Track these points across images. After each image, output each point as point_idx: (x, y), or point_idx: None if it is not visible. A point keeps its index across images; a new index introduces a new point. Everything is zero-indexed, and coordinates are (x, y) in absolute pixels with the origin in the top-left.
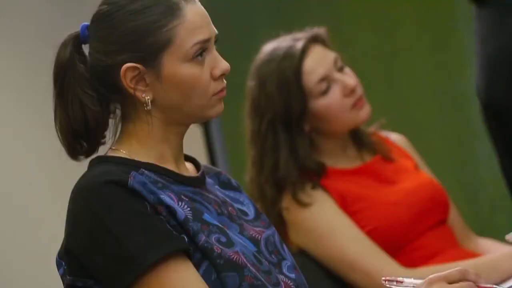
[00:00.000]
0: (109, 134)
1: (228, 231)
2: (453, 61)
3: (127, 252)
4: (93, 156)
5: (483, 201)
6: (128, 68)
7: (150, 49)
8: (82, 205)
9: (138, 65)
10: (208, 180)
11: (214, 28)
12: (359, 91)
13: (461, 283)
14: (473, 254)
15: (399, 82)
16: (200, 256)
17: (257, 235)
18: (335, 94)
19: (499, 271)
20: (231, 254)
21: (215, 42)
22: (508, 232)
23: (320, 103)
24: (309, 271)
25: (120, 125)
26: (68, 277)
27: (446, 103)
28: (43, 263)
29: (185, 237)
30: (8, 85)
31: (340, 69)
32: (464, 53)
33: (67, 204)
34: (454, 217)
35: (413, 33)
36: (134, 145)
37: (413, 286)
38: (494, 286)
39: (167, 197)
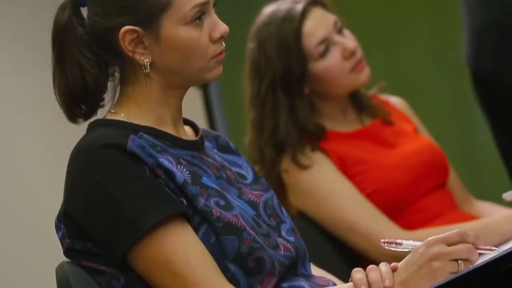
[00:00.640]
0: (107, 97)
1: (226, 195)
2: (454, 24)
3: (126, 215)
4: (92, 119)
5: (483, 165)
6: (126, 31)
7: (149, 11)
8: (80, 168)
9: (137, 28)
10: (207, 144)
11: None
12: (359, 54)
13: (460, 245)
14: (472, 217)
15: (399, 45)
16: (199, 220)
17: (255, 199)
18: (334, 56)
19: (498, 233)
20: (230, 217)
21: (214, 5)
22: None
23: (319, 66)
24: (308, 234)
25: (119, 88)
26: (67, 240)
27: (446, 66)
28: (43, 227)
29: (184, 200)
30: (6, 49)
31: (340, 32)
32: None
33: (66, 167)
34: (453, 180)
35: None
36: (132, 109)
37: (412, 248)
38: (493, 248)
39: (166, 161)
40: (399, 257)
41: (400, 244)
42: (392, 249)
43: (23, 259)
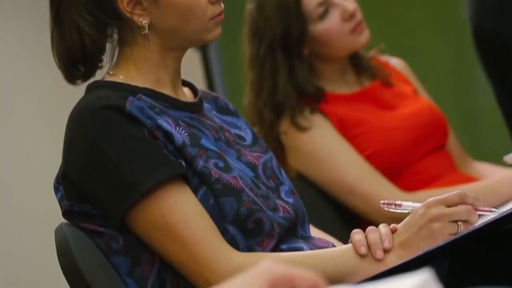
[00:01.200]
0: (106, 58)
1: (225, 157)
2: None
3: (124, 177)
4: (91, 81)
5: (482, 127)
6: None
7: None
8: (79, 130)
9: None
10: (206, 105)
11: None
12: (359, 16)
13: (459, 207)
14: (471, 179)
15: (399, 6)
16: (198, 181)
17: (254, 160)
18: (334, 18)
19: (498, 194)
20: (229, 179)
21: None
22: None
23: (319, 27)
24: (307, 196)
25: (117, 50)
26: (65, 202)
27: (446, 28)
28: (42, 189)
29: (182, 162)
30: (4, 12)
31: None
32: None
33: (65, 129)
34: (453, 142)
35: None
36: (131, 70)
37: (412, 209)
38: (493, 209)
39: (165, 122)
40: (398, 218)
41: (400, 205)
42: (392, 210)
43: (23, 221)
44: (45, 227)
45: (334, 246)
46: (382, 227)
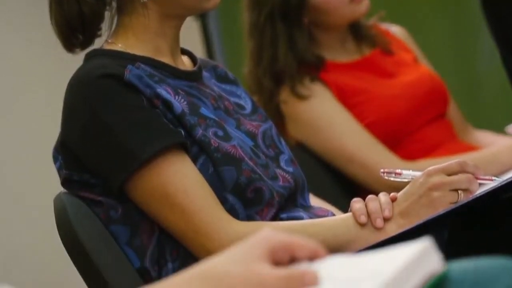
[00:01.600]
0: (104, 27)
1: (225, 125)
2: None
3: (123, 146)
4: (89, 49)
5: (483, 95)
6: None
7: None
8: (77, 98)
9: None
10: (205, 74)
11: None
12: None
13: (460, 175)
14: (472, 147)
15: None
16: (197, 150)
17: (254, 129)
18: None
19: (498, 163)
20: (228, 148)
21: None
22: (506, 125)
23: None
24: (307, 165)
25: (116, 18)
26: (64, 171)
27: None
28: (40, 157)
29: (182, 131)
30: None
31: None
32: None
33: (63, 97)
34: (453, 110)
35: None
36: (130, 39)
37: (412, 178)
38: (493, 178)
39: (164, 91)
40: (398, 187)
41: (400, 174)
42: (392, 179)
43: (21, 190)
44: (44, 197)
45: (334, 215)
46: (382, 196)
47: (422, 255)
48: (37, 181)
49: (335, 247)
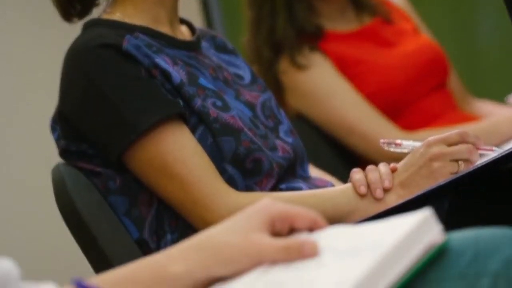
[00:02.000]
0: None
1: (224, 96)
2: None
3: (122, 116)
4: (87, 19)
5: (483, 64)
6: None
7: None
8: (75, 68)
9: None
10: (204, 44)
11: None
12: None
13: (460, 145)
14: (472, 117)
15: None
16: (196, 120)
17: (253, 100)
18: None
19: (498, 134)
20: (227, 118)
21: None
22: (507, 95)
23: None
24: (307, 136)
25: None
26: (62, 142)
27: None
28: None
29: (180, 101)
30: None
31: None
32: None
33: (61, 68)
34: (454, 80)
35: None
36: (128, 8)
37: (412, 149)
38: (494, 148)
39: (162, 61)
40: (398, 158)
41: (400, 144)
42: (392, 149)
43: (19, 161)
44: (42, 168)
45: (333, 185)
46: (382, 166)
47: (422, 225)
48: (35, 152)
49: (335, 218)
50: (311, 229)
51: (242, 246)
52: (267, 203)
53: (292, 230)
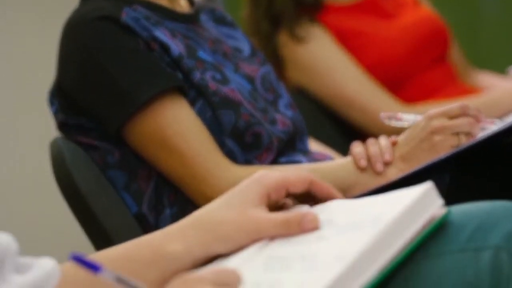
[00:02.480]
0: None
1: (223, 69)
2: None
3: (120, 90)
4: None
5: (484, 36)
6: None
7: None
8: (73, 41)
9: None
10: (202, 17)
11: None
12: None
13: (461, 118)
14: (473, 90)
15: None
16: (195, 94)
17: (252, 73)
18: None
19: (500, 107)
20: (227, 91)
21: None
22: (508, 66)
23: None
24: (306, 110)
25: None
26: (60, 115)
27: None
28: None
29: (179, 74)
30: None
31: None
32: None
33: (59, 40)
34: (455, 52)
35: None
36: None
37: (413, 122)
38: (495, 120)
39: (161, 34)
40: (399, 131)
41: (400, 118)
42: (393, 123)
43: (17, 135)
44: (40, 142)
45: (333, 159)
46: (382, 139)
47: (423, 199)
48: (32, 126)
49: None
50: (308, 190)
51: (239, 222)
52: (261, 175)
53: (288, 197)
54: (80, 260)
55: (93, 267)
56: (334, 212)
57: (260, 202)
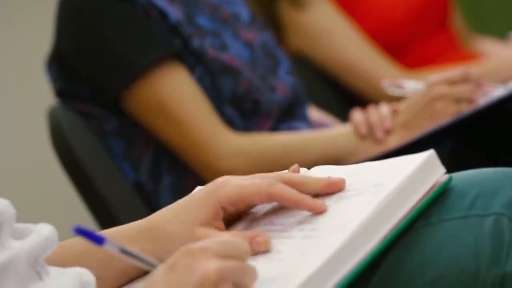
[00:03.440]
0: None
1: (222, 35)
2: None
3: (118, 57)
4: None
5: (485, 2)
6: None
7: None
8: (71, 8)
9: None
10: None
11: None
12: None
13: (462, 85)
14: (474, 56)
15: None
16: (194, 61)
17: (251, 39)
18: None
19: (501, 75)
20: (226, 58)
21: None
22: (509, 31)
23: None
24: (306, 77)
25: None
26: (58, 82)
27: None
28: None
29: (178, 41)
30: None
31: None
32: None
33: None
34: (455, 19)
35: None
36: None
37: (414, 89)
38: (498, 85)
39: (159, 0)
40: (399, 98)
41: (401, 85)
42: (395, 91)
43: (14, 103)
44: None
45: (333, 127)
46: (383, 107)
47: (425, 166)
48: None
49: (335, 160)
50: (270, 202)
51: (187, 240)
52: (219, 186)
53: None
54: (83, 232)
55: (97, 239)
56: (333, 176)
57: (214, 216)
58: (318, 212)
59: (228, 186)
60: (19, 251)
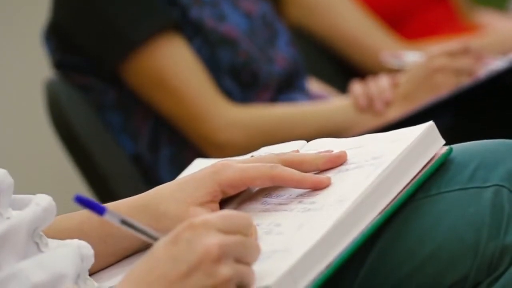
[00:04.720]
0: None
1: (220, 6)
2: None
3: (116, 28)
4: None
5: None
6: None
7: None
8: None
9: None
10: None
11: None
12: None
13: (463, 58)
14: (474, 28)
15: None
16: (192, 32)
17: (250, 10)
18: None
19: (501, 48)
20: (224, 29)
21: None
22: (508, 2)
23: None
24: (305, 49)
25: None
26: (56, 54)
27: None
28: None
29: (176, 11)
30: None
31: None
32: None
33: None
34: None
35: None
36: None
37: (414, 61)
38: (499, 56)
39: None
40: (399, 70)
41: (401, 57)
42: (394, 64)
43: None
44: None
45: (333, 99)
46: (383, 78)
47: (425, 138)
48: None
49: (335, 133)
50: (270, 184)
51: (179, 219)
52: (219, 168)
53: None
54: (84, 201)
55: (97, 209)
56: (333, 149)
57: (210, 198)
58: (323, 186)
59: (229, 170)
60: (18, 221)
